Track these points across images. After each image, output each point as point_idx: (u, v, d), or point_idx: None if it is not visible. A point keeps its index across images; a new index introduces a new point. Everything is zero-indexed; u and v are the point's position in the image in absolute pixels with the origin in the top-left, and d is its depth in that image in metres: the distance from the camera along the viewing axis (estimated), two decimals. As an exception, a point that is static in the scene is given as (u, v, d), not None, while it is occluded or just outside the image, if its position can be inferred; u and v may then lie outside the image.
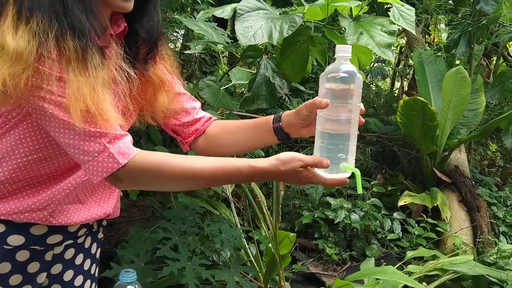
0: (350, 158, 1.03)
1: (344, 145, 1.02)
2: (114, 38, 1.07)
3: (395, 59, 5.49)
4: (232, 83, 2.31)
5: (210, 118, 1.30)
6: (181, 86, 1.26)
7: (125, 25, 1.08)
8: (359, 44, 1.53)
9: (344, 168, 1.01)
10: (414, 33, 1.68)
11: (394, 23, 1.61)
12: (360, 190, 0.99)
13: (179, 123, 1.26)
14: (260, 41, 1.54)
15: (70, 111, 0.89)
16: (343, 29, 1.71)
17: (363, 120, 1.05)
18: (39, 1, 0.90)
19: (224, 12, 1.67)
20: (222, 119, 2.14)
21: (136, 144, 1.05)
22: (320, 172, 1.01)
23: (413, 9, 1.65)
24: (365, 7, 1.77)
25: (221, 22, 3.06)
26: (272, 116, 1.19)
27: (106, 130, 0.93)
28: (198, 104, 1.30)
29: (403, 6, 1.66)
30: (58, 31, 0.89)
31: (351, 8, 1.79)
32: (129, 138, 0.98)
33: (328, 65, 1.05)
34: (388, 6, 1.81)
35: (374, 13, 2.09)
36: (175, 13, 2.98)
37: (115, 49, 1.07)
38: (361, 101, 1.06)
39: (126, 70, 1.04)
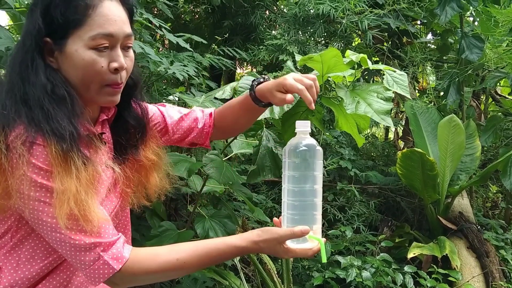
0: (316, 227, 1.06)
1: (309, 215, 1.06)
2: (106, 124, 1.12)
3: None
4: (233, 153, 2.34)
5: (211, 114, 1.38)
6: (175, 112, 1.34)
7: (115, 108, 1.13)
8: (358, 113, 1.57)
9: (309, 238, 1.05)
10: (409, 97, 1.73)
11: (389, 89, 1.66)
12: (324, 260, 1.02)
13: (191, 139, 1.36)
14: (263, 117, 1.58)
15: (56, 215, 0.92)
16: (339, 97, 1.76)
17: None
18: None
19: (225, 93, 1.72)
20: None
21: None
22: (288, 242, 1.05)
23: (405, 74, 1.71)
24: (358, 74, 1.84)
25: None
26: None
27: (99, 239, 0.97)
28: (195, 112, 1.37)
29: (395, 72, 1.72)
30: (38, 138, 0.92)
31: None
32: (121, 241, 1.02)
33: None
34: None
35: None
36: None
37: (106, 137, 1.11)
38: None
39: (111, 166, 1.09)
